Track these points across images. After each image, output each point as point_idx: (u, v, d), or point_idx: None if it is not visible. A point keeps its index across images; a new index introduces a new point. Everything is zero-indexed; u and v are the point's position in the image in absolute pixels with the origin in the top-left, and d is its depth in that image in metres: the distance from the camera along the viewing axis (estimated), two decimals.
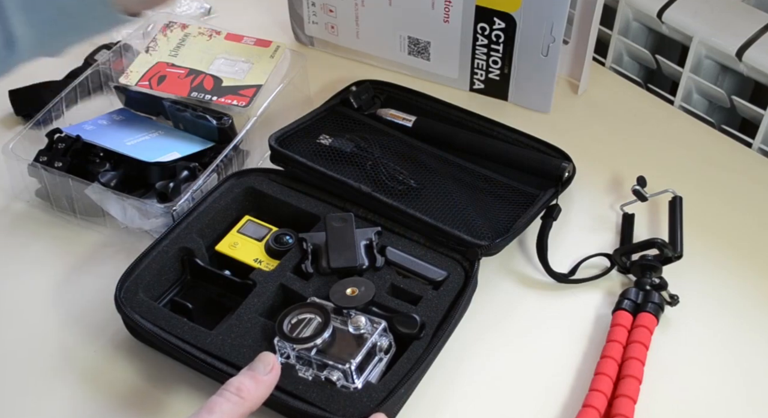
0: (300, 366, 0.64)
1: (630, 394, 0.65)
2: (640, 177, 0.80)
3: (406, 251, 0.73)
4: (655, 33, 0.97)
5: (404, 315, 0.67)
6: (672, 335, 0.71)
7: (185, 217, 0.74)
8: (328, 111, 0.86)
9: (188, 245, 0.73)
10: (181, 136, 0.84)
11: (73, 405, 0.67)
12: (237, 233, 0.75)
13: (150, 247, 0.72)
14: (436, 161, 0.82)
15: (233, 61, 0.88)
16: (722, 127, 0.92)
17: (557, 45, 0.86)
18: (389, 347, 0.66)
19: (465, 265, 0.72)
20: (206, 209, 0.75)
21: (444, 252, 0.73)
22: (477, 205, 0.78)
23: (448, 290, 0.71)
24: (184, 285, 0.73)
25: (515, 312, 0.74)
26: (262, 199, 0.78)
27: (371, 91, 0.88)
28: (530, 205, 0.78)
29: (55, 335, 0.71)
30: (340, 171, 0.78)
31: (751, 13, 0.89)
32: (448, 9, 0.89)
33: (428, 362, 0.66)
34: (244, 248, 0.74)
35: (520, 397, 0.68)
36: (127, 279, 0.69)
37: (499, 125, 0.85)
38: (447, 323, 0.68)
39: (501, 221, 0.76)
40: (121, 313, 0.68)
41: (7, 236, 0.80)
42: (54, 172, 0.77)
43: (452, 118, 0.86)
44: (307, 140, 0.82)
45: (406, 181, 0.78)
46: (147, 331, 0.67)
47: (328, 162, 0.80)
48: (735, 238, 0.80)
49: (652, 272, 0.74)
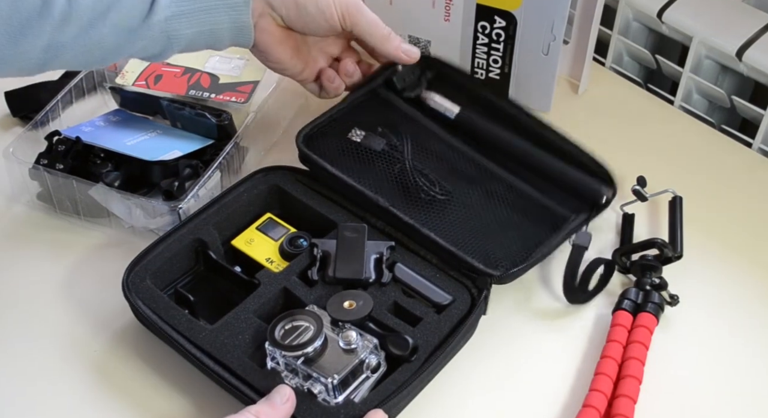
0: (287, 373, 0.64)
1: (630, 394, 0.65)
2: (640, 177, 0.80)
3: (416, 269, 0.71)
4: (655, 33, 0.97)
5: (397, 336, 0.66)
6: (672, 335, 0.72)
7: (206, 208, 0.74)
8: (369, 95, 0.82)
9: (203, 236, 0.73)
10: (180, 134, 0.84)
11: (81, 395, 0.68)
12: (255, 230, 0.75)
13: (165, 235, 0.72)
14: (471, 166, 0.79)
15: (228, 59, 0.88)
16: (722, 127, 0.92)
17: (558, 44, 0.86)
18: (377, 366, 0.64)
19: (473, 291, 0.70)
20: (228, 203, 0.75)
21: (455, 276, 0.71)
22: (501, 224, 0.75)
23: (451, 316, 0.68)
24: (195, 276, 0.73)
25: (514, 312, 0.74)
26: (285, 198, 0.77)
27: (417, 70, 0.83)
28: (556, 230, 0.74)
29: (63, 329, 0.72)
30: (364, 175, 0.76)
31: (751, 13, 0.89)
32: (448, 8, 0.89)
33: (416, 386, 0.64)
34: (259, 246, 0.74)
35: (520, 397, 0.68)
36: (138, 264, 0.70)
37: (549, 129, 0.79)
38: (442, 350, 0.66)
39: (521, 246, 0.73)
40: (126, 298, 0.68)
41: (11, 238, 0.80)
42: (57, 174, 0.77)
43: (501, 110, 0.81)
44: (339, 134, 0.79)
45: (433, 191, 0.75)
46: (146, 318, 0.67)
47: (355, 162, 0.78)
48: (735, 238, 0.80)
49: (652, 272, 0.74)
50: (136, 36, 0.68)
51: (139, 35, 0.68)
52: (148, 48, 0.70)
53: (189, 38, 0.71)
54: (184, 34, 0.70)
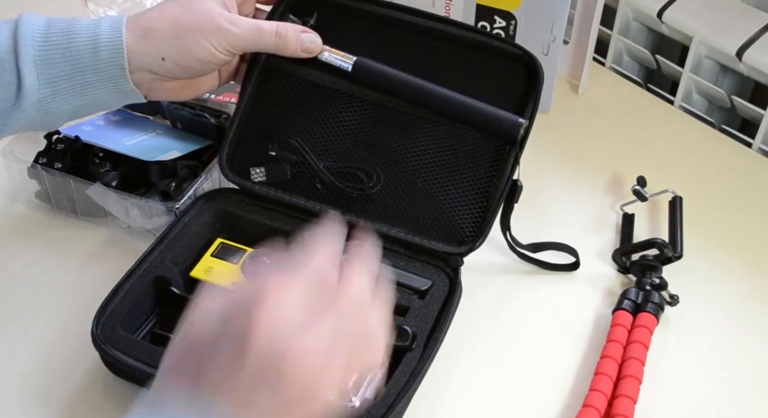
0: None
1: (630, 394, 0.65)
2: (640, 177, 0.80)
3: (387, 262, 0.70)
4: (655, 33, 0.97)
5: (395, 327, 0.65)
6: (672, 335, 0.71)
7: (156, 244, 0.72)
8: (262, 74, 0.75)
9: (163, 273, 0.70)
10: (179, 134, 0.84)
11: (79, 395, 0.67)
12: (211, 258, 0.72)
13: (123, 278, 0.69)
14: (389, 119, 0.74)
15: None
16: (722, 127, 0.92)
17: (558, 44, 0.86)
18: (383, 362, 0.65)
19: (448, 271, 0.71)
20: (177, 235, 0.73)
21: (425, 260, 0.72)
22: (442, 187, 0.72)
23: (435, 298, 0.69)
24: (162, 315, 0.70)
25: (514, 312, 0.74)
26: (233, 220, 0.75)
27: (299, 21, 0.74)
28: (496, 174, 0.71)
29: (60, 327, 0.71)
30: (292, 186, 0.75)
31: (751, 13, 0.89)
32: (448, 7, 0.89)
33: (423, 372, 0.65)
34: (220, 272, 0.71)
35: (520, 397, 0.68)
36: (103, 314, 0.67)
37: (455, 24, 0.73)
38: (438, 332, 0.67)
39: (471, 205, 0.72)
40: (99, 350, 0.65)
41: (9, 236, 0.79)
42: (55, 173, 0.77)
43: (402, 24, 0.73)
44: (255, 145, 0.76)
45: (360, 186, 0.73)
46: (129, 366, 0.64)
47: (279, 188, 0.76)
48: (735, 238, 0.80)
49: (652, 272, 0.74)
50: (13, 118, 0.65)
51: (14, 118, 0.65)
52: (31, 124, 0.67)
53: (71, 111, 0.67)
54: (64, 109, 0.66)
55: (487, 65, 0.73)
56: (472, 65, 0.73)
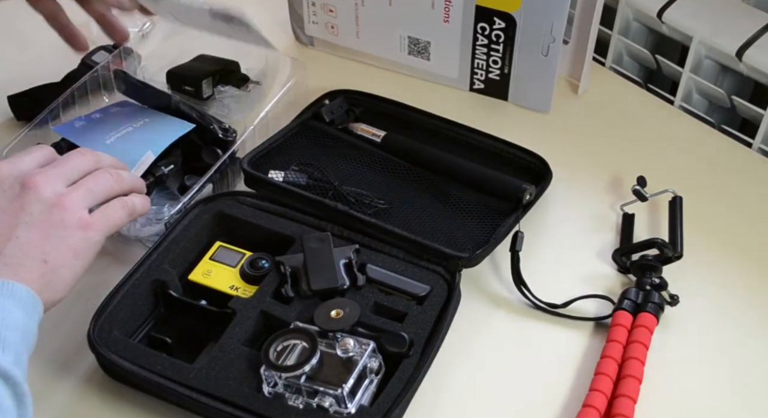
0: (289, 395, 0.62)
1: (630, 394, 0.65)
2: (640, 177, 0.80)
3: (386, 267, 0.72)
4: (655, 33, 0.97)
5: (392, 334, 0.66)
6: (672, 335, 0.71)
7: (155, 248, 0.72)
8: (300, 127, 0.85)
9: (161, 276, 0.70)
10: (158, 126, 0.81)
11: (80, 393, 0.67)
12: (209, 261, 0.73)
13: (121, 282, 0.69)
14: (409, 177, 0.82)
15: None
16: (722, 127, 0.92)
17: (557, 45, 0.86)
18: (379, 368, 0.64)
19: (447, 277, 0.71)
20: (176, 238, 0.73)
21: (424, 266, 0.72)
22: (452, 220, 0.77)
23: (433, 304, 0.69)
24: (159, 318, 0.70)
25: (513, 313, 0.74)
26: (232, 223, 0.76)
27: (345, 104, 0.87)
28: (505, 219, 0.77)
29: (58, 334, 0.71)
30: (303, 197, 0.77)
31: (751, 13, 0.89)
32: (448, 9, 0.89)
33: (420, 379, 0.65)
34: (218, 276, 0.71)
35: (520, 397, 0.68)
36: (101, 317, 0.67)
37: (475, 132, 0.84)
38: (435, 339, 0.66)
39: (478, 233, 0.76)
40: (96, 352, 0.65)
41: None
42: None
43: (428, 128, 0.85)
44: (278, 164, 0.81)
45: (374, 203, 0.77)
46: (125, 370, 0.64)
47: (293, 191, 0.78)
48: (735, 238, 0.80)
49: (652, 272, 0.74)
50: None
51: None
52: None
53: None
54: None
55: (502, 168, 0.82)
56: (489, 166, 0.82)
